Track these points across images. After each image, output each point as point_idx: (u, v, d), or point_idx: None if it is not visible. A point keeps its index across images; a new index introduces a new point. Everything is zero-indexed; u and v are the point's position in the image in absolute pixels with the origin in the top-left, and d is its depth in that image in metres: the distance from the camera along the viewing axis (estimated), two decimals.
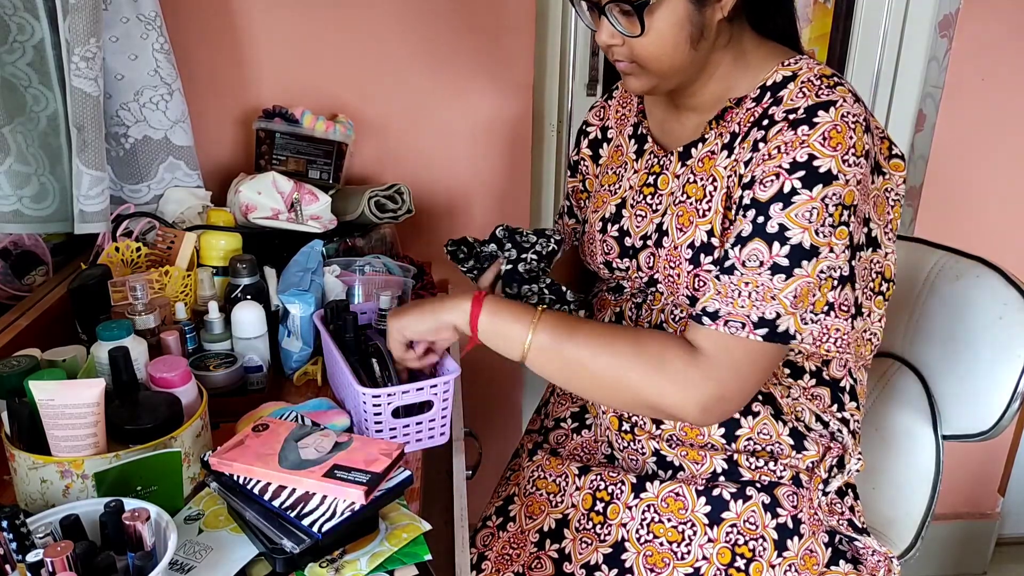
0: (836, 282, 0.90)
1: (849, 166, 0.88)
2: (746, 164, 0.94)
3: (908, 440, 1.20)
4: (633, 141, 1.12)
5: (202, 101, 1.53)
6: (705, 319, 0.92)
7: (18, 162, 1.20)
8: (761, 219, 0.89)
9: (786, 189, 0.88)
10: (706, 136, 1.02)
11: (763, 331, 0.90)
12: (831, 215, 0.88)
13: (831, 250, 0.89)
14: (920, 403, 1.19)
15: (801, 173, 0.88)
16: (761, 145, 0.93)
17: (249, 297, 1.18)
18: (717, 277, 0.93)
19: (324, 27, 1.54)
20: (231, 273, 1.21)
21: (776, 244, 0.89)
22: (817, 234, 0.88)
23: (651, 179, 1.07)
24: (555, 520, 1.07)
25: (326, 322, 1.12)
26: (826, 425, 1.06)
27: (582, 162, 1.22)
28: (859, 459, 1.07)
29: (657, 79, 0.97)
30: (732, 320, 0.91)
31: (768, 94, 0.96)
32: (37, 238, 1.29)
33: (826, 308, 0.91)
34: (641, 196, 1.08)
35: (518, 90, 1.63)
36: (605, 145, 1.18)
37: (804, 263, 0.88)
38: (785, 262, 0.89)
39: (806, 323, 0.90)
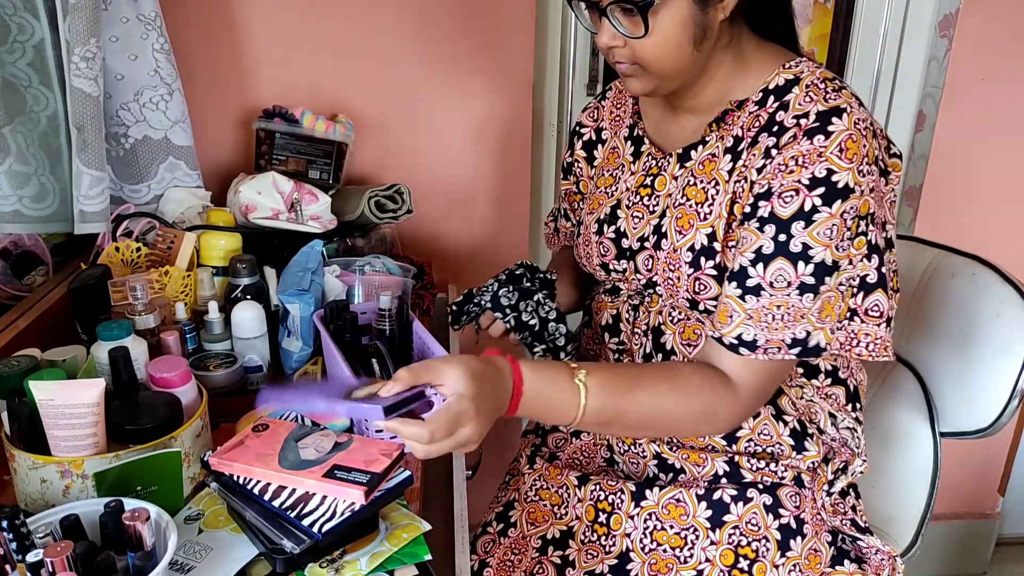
0: (857, 289, 0.93)
1: (863, 176, 0.90)
2: (759, 171, 0.94)
3: (906, 438, 1.20)
4: (630, 143, 1.12)
5: (202, 101, 1.53)
6: (743, 349, 0.93)
7: (18, 162, 1.20)
8: (783, 237, 0.90)
9: (807, 207, 0.89)
10: (706, 138, 1.01)
11: (796, 350, 0.93)
12: (849, 228, 0.90)
13: (850, 262, 0.91)
14: (918, 401, 1.19)
15: (821, 190, 0.89)
16: (775, 152, 0.92)
17: (249, 297, 1.18)
18: (742, 298, 0.92)
19: (324, 27, 1.54)
20: (231, 273, 1.21)
21: (801, 263, 0.90)
22: (838, 249, 0.90)
23: (648, 180, 1.07)
24: (559, 531, 1.07)
25: (326, 322, 1.12)
26: (837, 427, 1.06)
27: (576, 164, 1.21)
28: (864, 460, 1.07)
29: (659, 80, 0.96)
30: (771, 347, 0.93)
31: (772, 97, 0.96)
32: (37, 238, 1.29)
33: (849, 314, 0.93)
34: (638, 197, 1.07)
35: (518, 90, 1.63)
36: (600, 147, 1.17)
37: (827, 279, 0.90)
38: (811, 280, 0.90)
39: (832, 332, 0.93)
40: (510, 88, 1.62)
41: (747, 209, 0.94)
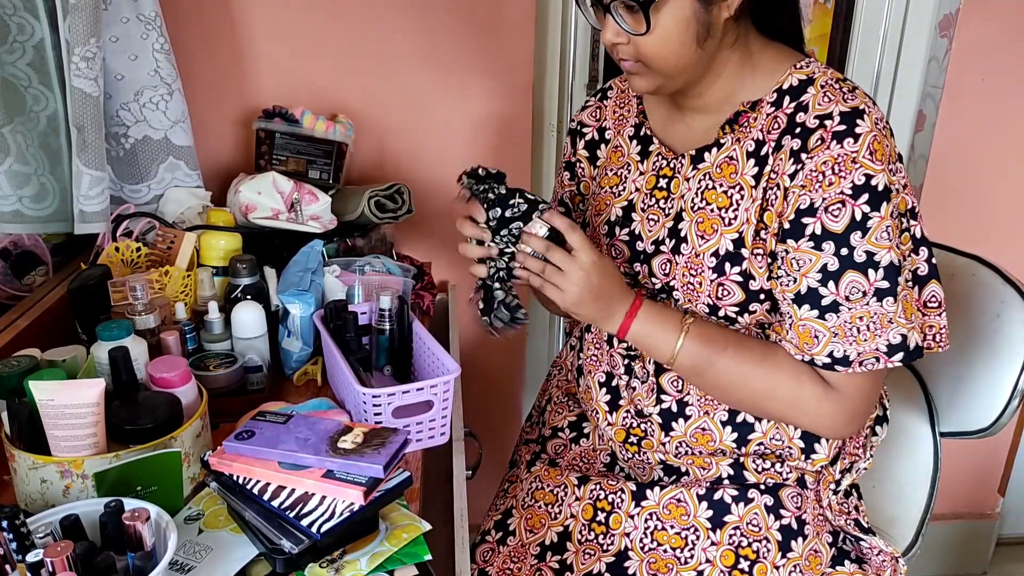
0: (912, 283, 0.95)
1: (894, 174, 0.91)
2: (792, 177, 0.93)
3: (907, 438, 1.20)
4: (635, 142, 1.10)
5: (202, 101, 1.53)
6: (838, 366, 0.93)
7: (18, 162, 1.20)
8: (845, 251, 0.90)
9: (858, 216, 0.89)
10: (721, 141, 1.00)
11: (899, 355, 0.92)
12: (897, 227, 0.91)
13: (904, 258, 0.93)
14: (918, 401, 1.19)
15: (865, 196, 0.89)
16: (803, 156, 0.92)
17: (249, 297, 1.18)
18: (821, 317, 0.92)
19: (324, 27, 1.54)
20: (231, 273, 1.21)
21: (871, 271, 0.90)
22: (897, 248, 0.91)
23: (662, 182, 1.05)
24: (556, 533, 1.07)
25: (326, 322, 1.12)
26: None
27: (578, 164, 1.19)
28: (870, 458, 1.07)
29: (663, 78, 0.96)
30: (867, 359, 0.92)
31: (787, 98, 0.96)
32: (37, 238, 1.29)
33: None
34: (653, 200, 1.05)
35: (518, 90, 1.63)
36: (603, 146, 1.15)
37: (899, 279, 0.91)
38: (885, 284, 0.90)
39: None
40: (510, 88, 1.62)
41: (787, 225, 0.93)
